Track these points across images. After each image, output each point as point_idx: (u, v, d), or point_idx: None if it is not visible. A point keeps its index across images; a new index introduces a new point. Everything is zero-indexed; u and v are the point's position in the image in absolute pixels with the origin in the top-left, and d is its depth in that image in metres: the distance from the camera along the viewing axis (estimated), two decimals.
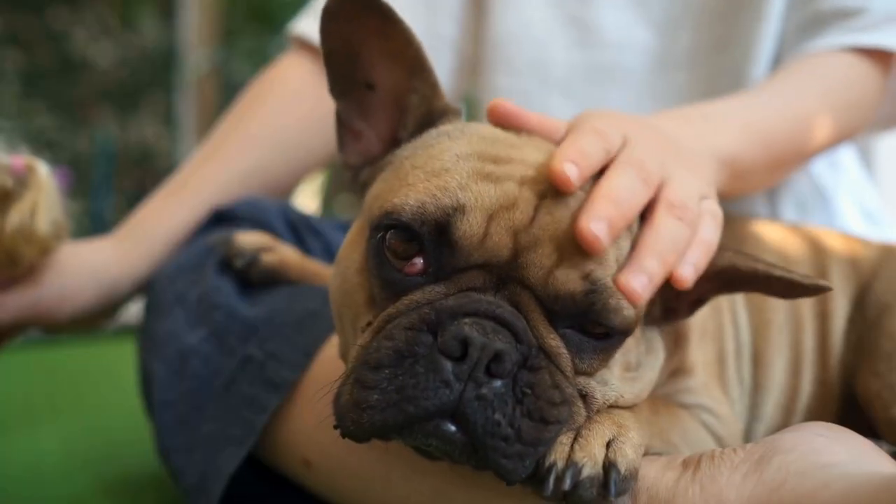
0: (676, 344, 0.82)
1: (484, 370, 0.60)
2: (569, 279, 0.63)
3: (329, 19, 0.74)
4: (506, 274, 0.64)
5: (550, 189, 0.66)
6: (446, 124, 0.76)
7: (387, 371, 0.60)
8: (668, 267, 0.67)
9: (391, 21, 0.73)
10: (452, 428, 0.60)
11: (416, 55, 0.75)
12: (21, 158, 1.04)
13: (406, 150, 0.76)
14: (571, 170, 0.64)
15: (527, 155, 0.70)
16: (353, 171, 0.81)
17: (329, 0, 0.73)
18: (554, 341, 0.64)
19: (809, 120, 1.07)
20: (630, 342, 0.70)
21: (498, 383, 0.60)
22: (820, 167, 1.34)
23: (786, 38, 1.22)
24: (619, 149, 0.71)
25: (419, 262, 0.66)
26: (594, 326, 0.65)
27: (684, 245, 0.69)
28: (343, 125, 0.81)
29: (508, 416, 0.60)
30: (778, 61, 1.25)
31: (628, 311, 0.65)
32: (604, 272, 0.64)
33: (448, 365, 0.60)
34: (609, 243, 0.63)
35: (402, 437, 0.62)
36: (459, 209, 0.64)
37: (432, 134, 0.76)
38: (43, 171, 1.05)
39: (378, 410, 0.60)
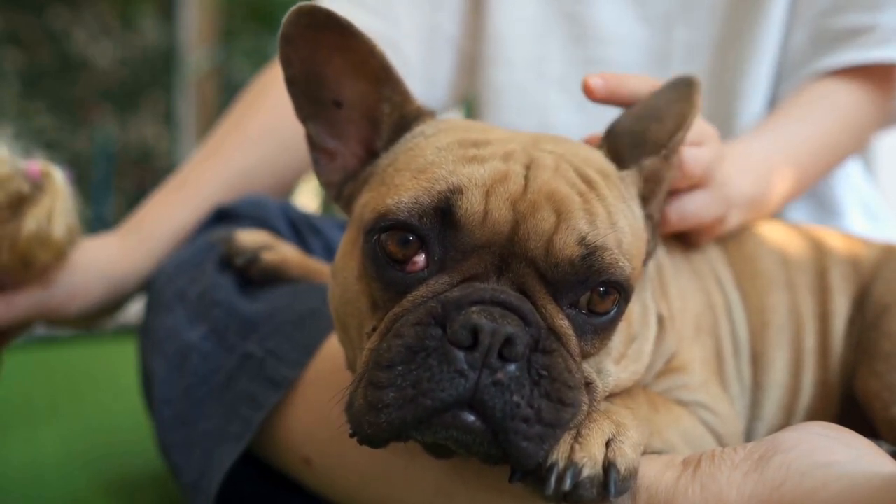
0: (660, 325, 0.82)
1: (497, 355, 0.60)
2: (566, 245, 0.65)
3: (287, 44, 0.74)
4: (507, 252, 0.65)
5: (532, 158, 0.69)
6: (420, 125, 0.77)
7: (400, 368, 0.61)
8: None
9: (351, 35, 0.73)
10: (471, 417, 0.60)
11: (380, 64, 0.74)
12: (37, 164, 1.05)
13: (386, 159, 0.76)
14: None
15: (500, 134, 0.73)
16: (333, 189, 0.81)
17: (284, 26, 0.73)
18: (562, 321, 0.65)
19: (824, 149, 1.14)
20: (631, 309, 0.71)
21: (512, 367, 0.61)
22: None
23: (795, 52, 1.24)
24: None
25: (419, 259, 0.66)
26: (598, 302, 0.66)
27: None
28: (316, 147, 0.80)
29: (527, 398, 0.61)
30: (784, 72, 1.26)
31: (624, 264, 0.66)
32: (597, 235, 0.66)
33: (461, 355, 0.60)
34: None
35: (420, 433, 0.62)
36: (457, 190, 0.65)
37: (407, 138, 0.76)
38: (59, 176, 1.06)
39: (395, 408, 0.60)
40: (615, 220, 0.69)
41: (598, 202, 0.68)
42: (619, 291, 0.67)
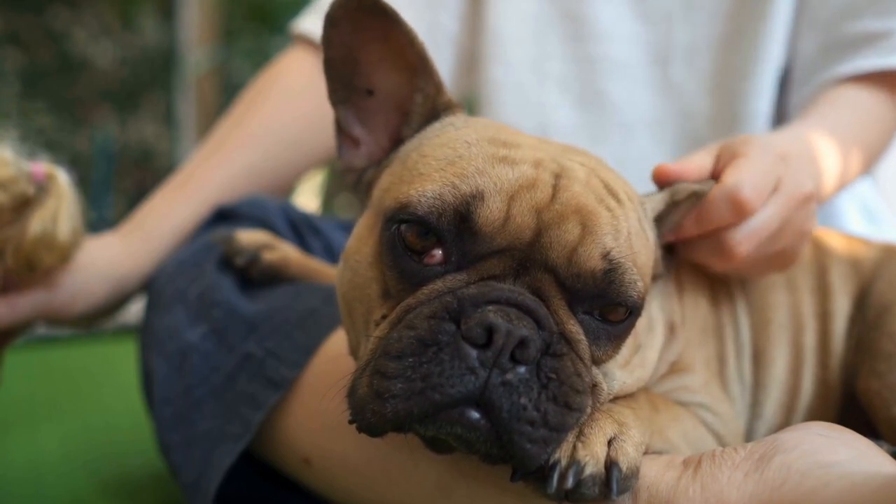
0: (670, 332, 0.82)
1: (509, 357, 0.60)
2: (591, 257, 0.65)
3: (331, 26, 0.74)
4: (527, 257, 0.65)
5: (562, 169, 0.68)
6: (450, 116, 0.77)
7: (410, 360, 0.60)
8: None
9: (394, 23, 0.73)
10: (477, 415, 0.60)
11: (419, 55, 0.75)
12: (42, 166, 1.04)
13: (411, 144, 0.76)
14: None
15: (530, 140, 0.73)
16: (354, 175, 0.81)
17: (331, 7, 0.73)
18: (574, 327, 0.65)
19: (855, 147, 1.11)
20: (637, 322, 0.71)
21: (522, 369, 0.61)
22: None
23: (807, 58, 1.23)
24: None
25: (437, 252, 0.66)
26: (611, 310, 0.67)
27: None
28: (342, 132, 0.80)
29: (534, 401, 0.61)
30: (797, 79, 1.25)
31: (641, 284, 0.67)
32: (620, 250, 0.66)
33: (473, 352, 0.60)
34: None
35: (424, 426, 0.61)
36: (478, 196, 0.65)
37: (436, 126, 0.76)
38: (63, 178, 1.06)
39: (402, 399, 0.60)
40: (633, 241, 0.69)
41: (623, 220, 0.68)
42: (631, 310, 0.68)
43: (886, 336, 0.87)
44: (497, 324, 0.60)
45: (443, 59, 1.45)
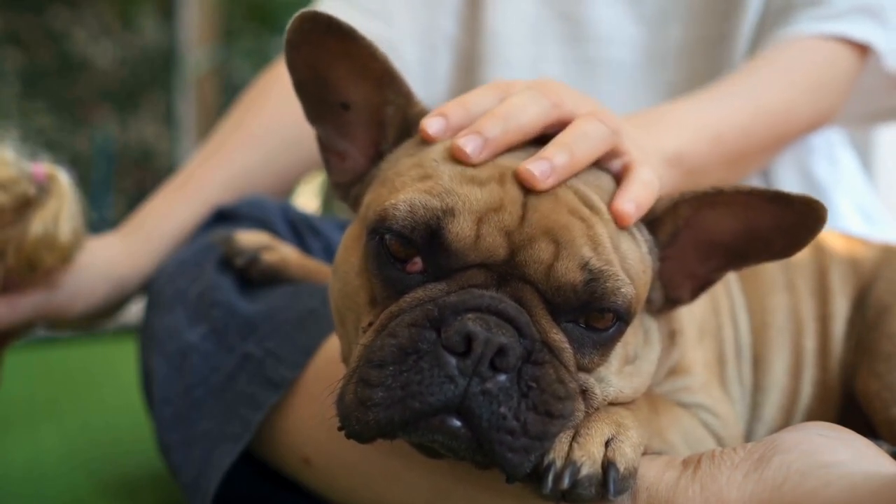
0: (671, 340, 0.82)
1: (488, 365, 0.60)
2: (569, 270, 0.64)
3: (292, 50, 0.74)
4: (506, 271, 0.65)
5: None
6: None
7: (391, 368, 0.61)
8: (576, 159, 0.69)
9: (352, 39, 0.73)
10: (457, 423, 0.60)
11: (383, 68, 0.74)
12: (42, 166, 1.05)
13: (388, 162, 0.76)
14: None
15: None
16: (342, 190, 0.81)
17: (288, 32, 0.73)
18: (557, 335, 0.65)
19: (772, 113, 1.10)
20: (629, 333, 0.70)
21: (502, 377, 0.61)
22: (818, 166, 1.35)
23: (754, 26, 1.24)
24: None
25: (419, 261, 0.66)
26: (597, 319, 0.66)
27: (600, 141, 0.71)
28: (326, 148, 0.80)
29: (514, 410, 0.61)
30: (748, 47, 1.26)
31: (627, 289, 0.66)
32: (601, 258, 0.65)
33: (452, 360, 0.60)
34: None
35: (407, 434, 0.62)
36: (449, 212, 0.64)
37: (409, 143, 0.76)
38: (64, 179, 1.06)
39: (383, 408, 0.60)
40: (617, 243, 0.68)
41: (601, 226, 0.67)
42: (619, 317, 0.67)
43: (886, 337, 0.88)
44: (476, 332, 0.60)
45: (441, 61, 1.45)
